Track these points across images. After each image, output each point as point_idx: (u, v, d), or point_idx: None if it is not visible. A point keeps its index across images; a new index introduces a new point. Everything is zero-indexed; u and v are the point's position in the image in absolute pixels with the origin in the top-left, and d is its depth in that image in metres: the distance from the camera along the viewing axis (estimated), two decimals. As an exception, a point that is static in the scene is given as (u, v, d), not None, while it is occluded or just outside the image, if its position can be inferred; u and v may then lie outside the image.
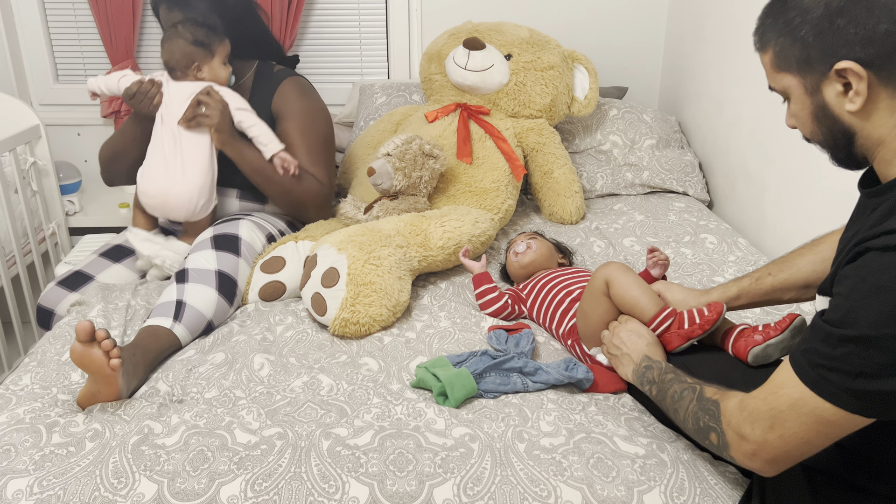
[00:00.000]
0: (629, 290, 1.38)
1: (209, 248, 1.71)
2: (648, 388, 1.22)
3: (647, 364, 1.24)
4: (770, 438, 0.93)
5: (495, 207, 2.03)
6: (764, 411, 0.94)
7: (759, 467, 0.96)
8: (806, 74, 0.94)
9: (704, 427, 1.03)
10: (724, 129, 2.34)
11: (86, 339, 1.24)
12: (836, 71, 0.90)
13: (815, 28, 0.90)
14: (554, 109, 2.27)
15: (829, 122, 0.95)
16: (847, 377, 0.85)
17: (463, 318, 1.64)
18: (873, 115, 0.91)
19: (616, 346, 1.34)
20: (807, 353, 0.90)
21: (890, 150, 0.91)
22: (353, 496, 1.09)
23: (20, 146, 2.29)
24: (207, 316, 1.59)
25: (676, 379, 1.14)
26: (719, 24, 2.36)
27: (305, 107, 1.98)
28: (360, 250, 1.60)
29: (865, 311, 0.83)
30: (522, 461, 1.15)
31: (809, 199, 1.85)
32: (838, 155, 0.98)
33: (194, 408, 1.28)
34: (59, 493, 1.10)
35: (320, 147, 1.98)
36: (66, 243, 2.51)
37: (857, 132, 0.93)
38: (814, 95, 0.94)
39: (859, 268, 0.86)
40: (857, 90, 0.89)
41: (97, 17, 2.61)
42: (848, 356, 0.85)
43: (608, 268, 1.41)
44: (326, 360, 1.48)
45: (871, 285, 0.84)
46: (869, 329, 0.83)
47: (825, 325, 0.88)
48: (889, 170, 0.93)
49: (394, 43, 2.77)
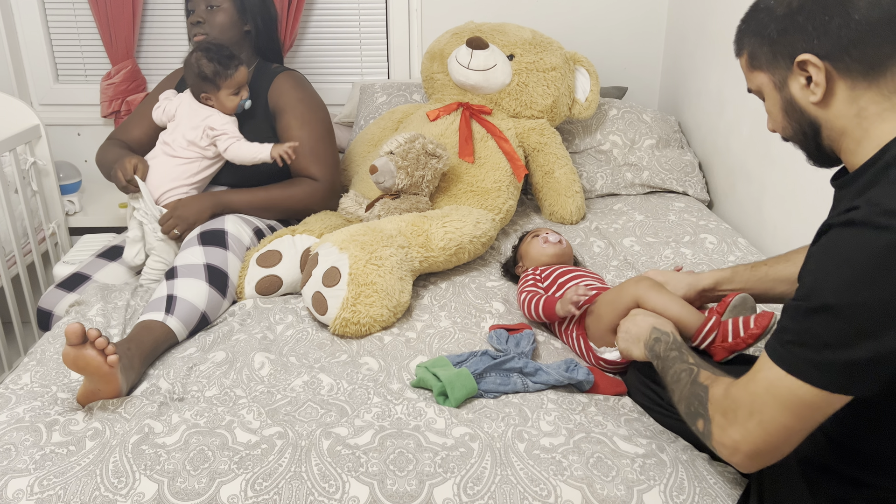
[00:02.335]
0: (666, 312, 1.33)
1: (196, 244, 1.72)
2: (656, 363, 1.21)
3: (656, 336, 1.24)
4: (750, 427, 0.93)
5: (496, 207, 2.03)
6: (743, 397, 0.95)
7: (741, 462, 0.96)
8: (774, 70, 1.00)
9: (694, 412, 1.04)
10: (724, 129, 2.34)
11: (77, 341, 1.23)
12: (797, 64, 0.96)
13: (779, 26, 0.97)
14: (555, 111, 2.27)
15: (797, 116, 1.00)
16: (813, 350, 0.87)
17: (463, 318, 1.64)
18: (834, 106, 0.96)
19: (626, 332, 1.33)
20: (777, 333, 0.93)
21: (853, 140, 0.96)
22: (353, 496, 1.09)
23: (20, 146, 2.29)
24: (200, 307, 1.59)
25: (679, 358, 1.14)
26: (719, 24, 2.36)
27: (303, 98, 2.00)
28: (362, 250, 1.60)
29: (828, 281, 0.87)
30: (522, 461, 1.15)
31: (809, 199, 1.85)
32: (809, 148, 1.04)
33: (195, 406, 1.28)
34: (59, 493, 1.10)
35: (322, 138, 2.00)
36: (66, 243, 2.51)
37: (822, 124, 0.98)
38: (782, 90, 1.01)
39: (823, 245, 0.90)
40: (817, 81, 0.95)
41: (97, 17, 2.61)
42: (814, 328, 0.87)
43: (639, 287, 1.38)
44: (327, 360, 1.48)
45: (833, 258, 0.87)
46: (831, 297, 0.86)
47: (793, 303, 0.91)
48: (854, 159, 0.97)
49: (394, 43, 2.77)
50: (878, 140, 0.94)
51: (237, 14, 1.96)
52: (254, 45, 2.06)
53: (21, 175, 2.24)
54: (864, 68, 0.93)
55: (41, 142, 2.39)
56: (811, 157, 1.06)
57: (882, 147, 0.93)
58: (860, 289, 0.84)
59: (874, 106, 0.94)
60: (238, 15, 1.97)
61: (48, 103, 2.79)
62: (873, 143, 0.94)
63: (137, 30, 2.66)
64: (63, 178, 2.54)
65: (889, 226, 0.83)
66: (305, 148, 1.96)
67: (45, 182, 2.44)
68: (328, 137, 2.03)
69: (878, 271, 0.83)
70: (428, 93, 2.38)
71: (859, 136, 0.95)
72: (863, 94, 0.94)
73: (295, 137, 1.96)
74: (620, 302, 1.41)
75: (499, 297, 1.73)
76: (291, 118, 1.97)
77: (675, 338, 1.21)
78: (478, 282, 1.80)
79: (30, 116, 2.37)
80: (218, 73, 1.86)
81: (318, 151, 1.98)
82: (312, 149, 1.97)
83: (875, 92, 0.93)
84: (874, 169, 0.93)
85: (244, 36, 2.01)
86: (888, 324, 0.83)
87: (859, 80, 0.94)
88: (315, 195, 1.97)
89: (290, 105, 1.98)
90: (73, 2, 2.69)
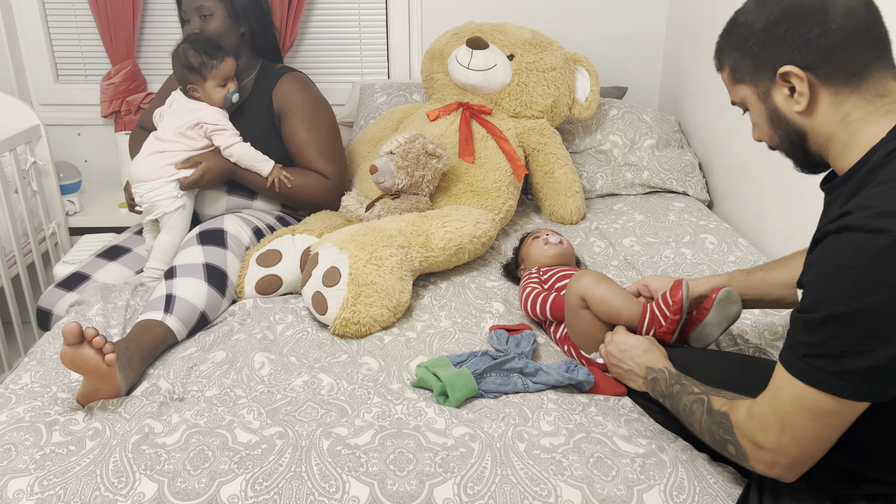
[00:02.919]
0: (607, 304, 1.39)
1: (195, 244, 1.72)
2: (663, 401, 1.22)
3: (653, 376, 1.25)
4: (784, 442, 0.94)
5: (496, 207, 2.03)
6: (771, 416, 0.95)
7: (781, 474, 0.97)
8: (757, 83, 1.03)
9: (721, 440, 1.04)
10: (724, 129, 2.34)
11: (74, 341, 1.23)
12: (780, 76, 0.99)
13: (759, 39, 1.00)
14: (555, 111, 2.27)
15: (783, 125, 1.03)
16: (831, 361, 0.88)
17: (463, 318, 1.64)
18: (819, 113, 0.99)
19: (617, 366, 1.35)
20: (792, 347, 0.93)
21: (839, 144, 0.98)
22: (353, 496, 1.09)
23: (20, 146, 2.29)
24: (199, 307, 1.59)
25: (683, 391, 1.15)
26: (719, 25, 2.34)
27: (308, 100, 2.01)
28: (362, 250, 1.60)
29: (832, 290, 0.87)
30: (522, 461, 1.15)
31: (809, 200, 1.85)
32: (797, 156, 1.06)
33: (195, 406, 1.28)
34: (59, 493, 1.09)
35: (328, 139, 2.02)
36: (66, 243, 2.51)
37: (808, 131, 1.01)
38: (766, 101, 1.03)
39: (820, 253, 0.91)
40: (800, 91, 0.98)
41: (97, 17, 2.61)
42: (827, 339, 0.88)
43: (581, 283, 1.42)
44: (327, 360, 1.48)
45: (832, 266, 0.88)
46: (838, 306, 0.86)
47: (801, 315, 0.92)
48: (842, 163, 0.99)
49: (394, 43, 2.77)
50: (865, 143, 0.96)
51: (230, 19, 1.96)
52: (252, 46, 2.06)
53: (21, 175, 2.24)
54: (845, 75, 0.95)
55: (41, 142, 2.40)
56: (799, 164, 1.08)
57: (869, 150, 0.95)
58: (863, 294, 0.84)
59: (858, 111, 0.96)
60: (231, 20, 1.96)
61: (48, 103, 2.79)
62: (860, 147, 0.96)
63: (137, 30, 2.66)
64: (63, 178, 2.54)
65: (883, 228, 0.84)
66: (313, 148, 1.98)
67: (45, 182, 2.44)
68: (335, 138, 2.05)
69: (878, 275, 0.84)
70: (428, 93, 2.38)
71: (846, 140, 0.97)
72: (846, 100, 0.96)
73: (302, 140, 1.98)
74: (571, 304, 1.44)
75: (499, 298, 1.73)
76: (298, 121, 1.98)
77: (671, 371, 1.21)
78: (478, 282, 1.80)
79: (30, 116, 2.37)
80: (204, 64, 1.86)
81: (326, 151, 2.00)
82: (321, 149, 1.99)
83: (858, 97, 0.96)
84: (862, 172, 0.94)
85: (241, 39, 2.01)
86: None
87: (842, 87, 0.96)
88: (326, 192, 2.01)
89: (296, 108, 1.99)
90: (73, 2, 2.69)
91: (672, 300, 1.33)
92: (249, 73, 2.05)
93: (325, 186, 2.00)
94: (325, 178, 2.00)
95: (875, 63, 0.96)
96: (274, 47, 2.13)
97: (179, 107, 1.92)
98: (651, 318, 1.36)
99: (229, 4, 1.95)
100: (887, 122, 0.95)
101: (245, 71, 2.04)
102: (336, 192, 2.03)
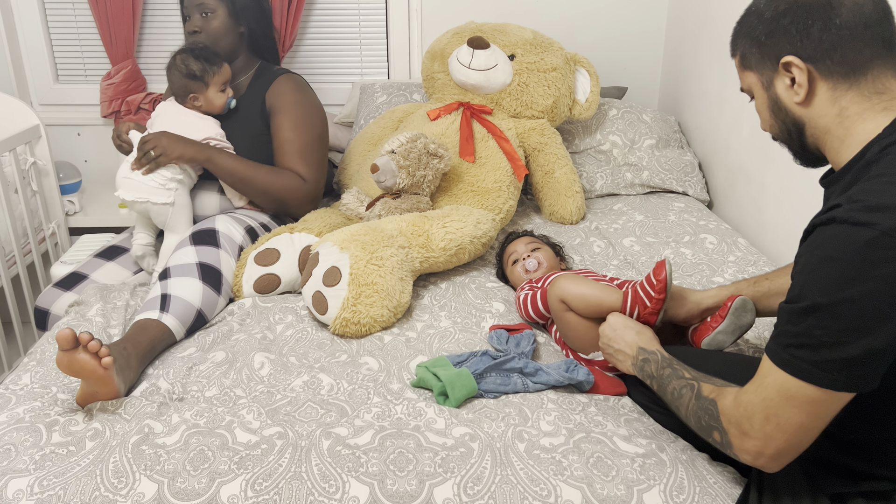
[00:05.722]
0: (586, 298, 1.41)
1: (188, 244, 1.72)
2: (650, 382, 1.23)
3: (644, 357, 1.25)
4: (768, 430, 0.94)
5: (497, 207, 2.03)
6: (756, 404, 0.96)
7: (765, 464, 0.97)
8: (762, 71, 1.05)
9: (707, 426, 1.05)
10: (724, 129, 2.34)
11: (69, 346, 1.22)
12: (782, 65, 1.01)
13: (766, 28, 1.02)
14: (556, 111, 2.27)
15: (782, 115, 1.05)
16: (812, 351, 0.89)
17: (463, 318, 1.64)
18: (816, 106, 1.00)
19: (608, 345, 1.35)
20: (777, 336, 0.94)
21: (836, 139, 1.00)
22: (353, 496, 1.09)
23: (20, 146, 2.29)
24: (195, 305, 1.59)
25: (674, 374, 1.15)
26: (719, 24, 2.36)
27: (299, 101, 2.00)
28: (363, 250, 1.60)
29: (816, 281, 0.88)
30: (522, 461, 1.15)
31: (809, 200, 1.85)
32: (794, 147, 1.08)
33: (195, 406, 1.28)
34: (59, 493, 1.09)
35: (311, 143, 1.99)
36: (65, 243, 2.51)
37: (806, 122, 1.02)
38: (769, 90, 1.05)
39: (808, 244, 0.92)
40: (800, 82, 1.00)
41: (97, 17, 2.61)
42: (809, 329, 0.89)
43: (556, 287, 1.45)
44: (327, 360, 1.48)
45: (818, 257, 0.89)
46: (821, 297, 0.87)
47: (786, 305, 0.93)
48: (839, 158, 1.00)
49: (394, 43, 2.77)
50: (860, 139, 0.97)
51: (230, 18, 1.96)
52: (250, 46, 2.05)
53: (21, 175, 2.24)
54: (844, 70, 0.97)
55: (41, 142, 2.39)
56: (797, 157, 1.09)
57: (864, 146, 0.96)
58: (846, 286, 0.85)
59: (855, 106, 0.97)
60: (231, 19, 1.97)
61: (48, 103, 2.79)
62: (856, 142, 0.97)
63: (137, 30, 2.66)
64: (63, 178, 2.54)
65: (868, 222, 0.85)
66: (295, 147, 1.95)
67: (45, 182, 2.44)
68: (319, 143, 2.01)
69: (861, 267, 0.85)
70: (428, 92, 2.38)
71: (842, 134, 0.99)
72: (844, 95, 0.98)
73: (286, 138, 1.96)
74: (555, 309, 1.47)
75: (499, 297, 1.73)
76: (285, 119, 1.97)
77: (663, 355, 1.22)
78: (478, 282, 1.80)
79: (30, 116, 2.37)
80: (206, 71, 1.88)
81: (306, 154, 1.97)
82: (301, 150, 1.96)
83: (856, 93, 0.97)
84: (857, 167, 0.96)
85: (240, 38, 2.01)
86: (878, 318, 0.84)
87: (840, 82, 0.97)
88: (297, 192, 1.95)
89: (286, 106, 1.98)
90: (73, 2, 2.69)
91: (656, 279, 1.33)
92: (246, 73, 2.05)
93: (297, 185, 1.94)
94: (298, 177, 1.95)
95: (877, 61, 0.97)
96: (272, 48, 2.13)
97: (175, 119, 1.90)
98: (634, 298, 1.36)
99: (230, 3, 1.96)
100: (883, 118, 0.96)
101: (241, 71, 2.04)
102: (308, 195, 1.97)
